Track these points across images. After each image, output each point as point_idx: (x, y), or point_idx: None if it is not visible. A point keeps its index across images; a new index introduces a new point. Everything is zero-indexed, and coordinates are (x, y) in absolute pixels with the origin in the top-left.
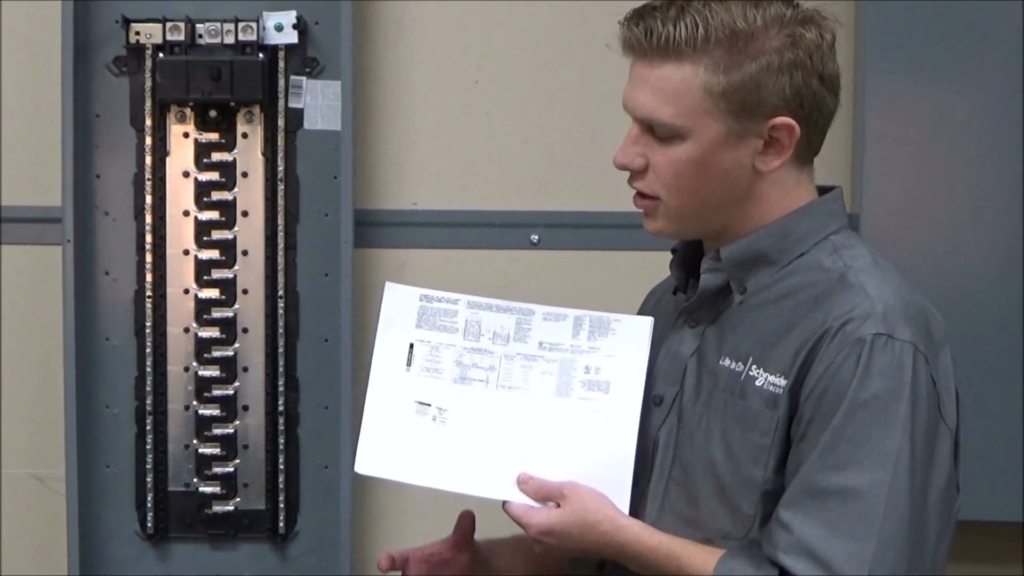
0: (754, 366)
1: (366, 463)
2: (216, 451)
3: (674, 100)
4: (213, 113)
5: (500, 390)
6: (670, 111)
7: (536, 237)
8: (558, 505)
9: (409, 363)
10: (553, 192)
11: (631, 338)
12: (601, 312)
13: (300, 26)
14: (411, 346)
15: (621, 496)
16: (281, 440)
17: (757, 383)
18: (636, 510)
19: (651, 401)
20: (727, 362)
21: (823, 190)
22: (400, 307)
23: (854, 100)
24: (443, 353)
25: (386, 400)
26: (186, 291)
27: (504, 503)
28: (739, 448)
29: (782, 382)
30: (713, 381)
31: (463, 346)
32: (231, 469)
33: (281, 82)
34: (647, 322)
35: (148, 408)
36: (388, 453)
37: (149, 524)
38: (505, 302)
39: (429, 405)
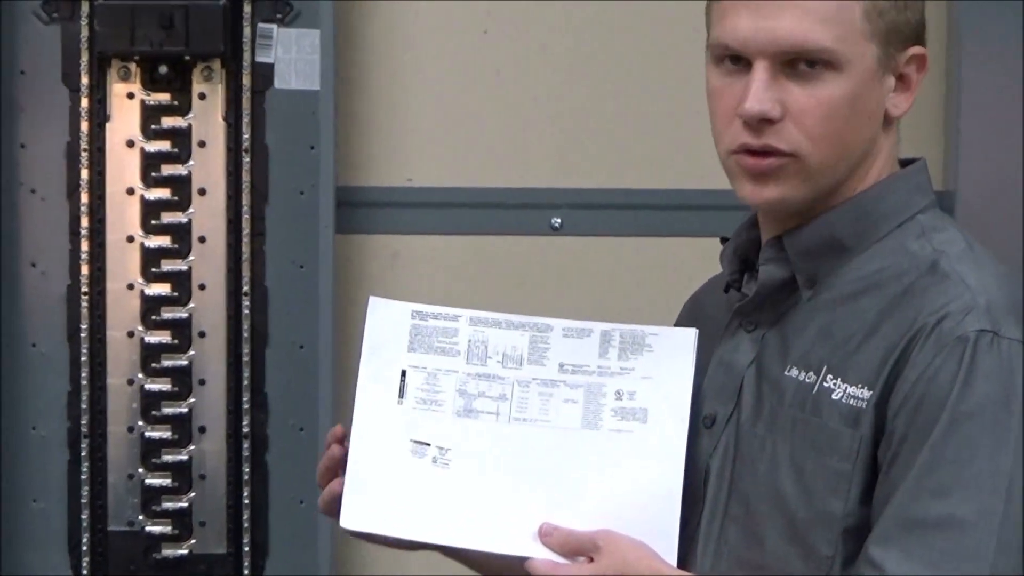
0: (829, 376)
1: (353, 517)
2: (166, 482)
3: (835, 20)
4: (164, 69)
5: (514, 424)
6: (830, 34)
7: (558, 221)
8: (591, 559)
9: (402, 394)
10: (579, 166)
11: (671, 355)
12: (634, 325)
13: None
14: (403, 374)
15: (667, 543)
16: (246, 469)
17: (834, 396)
18: (685, 557)
19: (700, 423)
20: (795, 372)
21: (902, 163)
22: (388, 327)
23: (947, 53)
24: (443, 381)
25: (375, 440)
26: (130, 286)
27: (525, 560)
28: (813, 476)
29: (865, 394)
30: (777, 396)
31: (467, 372)
32: (184, 504)
33: (247, 31)
34: (690, 335)
35: (83, 430)
36: (380, 504)
37: (84, 570)
38: (516, 316)
39: (428, 444)
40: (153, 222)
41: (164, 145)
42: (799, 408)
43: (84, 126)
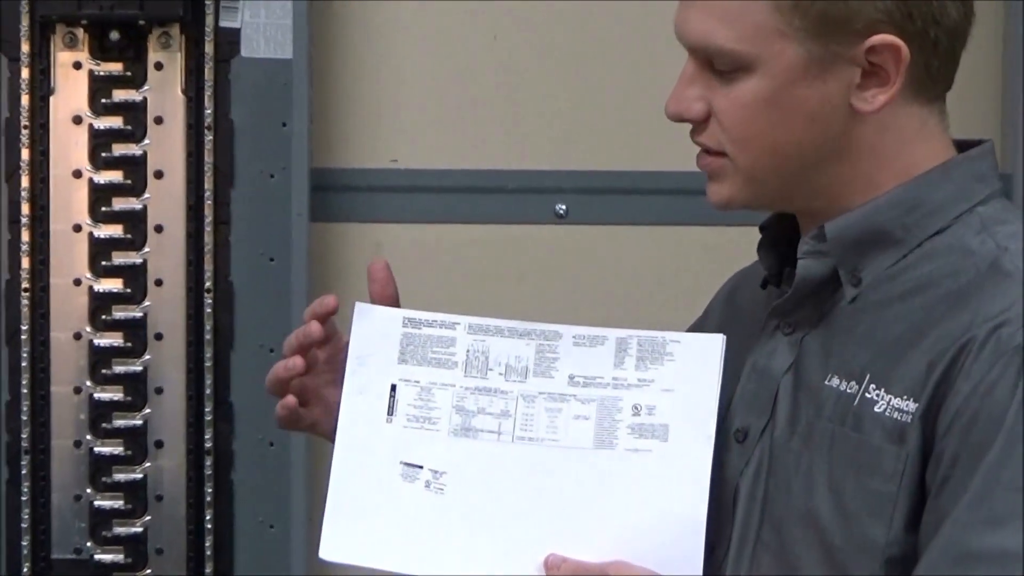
0: (872, 386)
1: (334, 547)
2: (118, 504)
3: (734, 18)
4: (115, 35)
5: (517, 444)
6: (730, 33)
7: (563, 208)
8: None
9: (391, 411)
10: (587, 146)
11: (696, 364)
12: (653, 331)
13: None
14: (393, 388)
15: (689, 574)
16: (208, 489)
17: (877, 409)
18: None
19: (731, 437)
20: (835, 381)
21: (964, 145)
22: (377, 335)
23: (1005, 18)
24: (438, 396)
25: (360, 462)
26: (77, 282)
27: None
28: (853, 499)
29: (911, 407)
30: (816, 408)
31: (465, 385)
32: (139, 529)
33: None
34: (716, 342)
35: (24, 444)
36: (364, 533)
37: None
38: (521, 323)
39: (420, 467)
40: (103, 209)
41: (115, 121)
42: (839, 422)
43: (24, 100)
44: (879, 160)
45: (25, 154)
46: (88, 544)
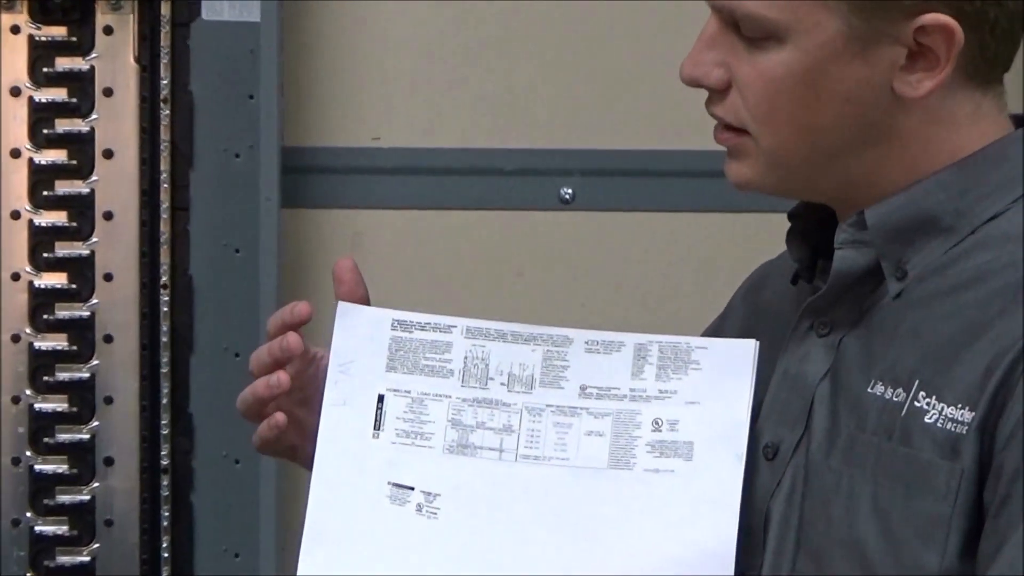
0: (922, 393)
1: None
2: (62, 529)
3: None
4: None
5: (522, 463)
6: None
7: (569, 191)
8: None
9: (378, 425)
10: (595, 122)
11: (725, 373)
12: (676, 336)
13: None
14: (381, 399)
15: None
16: (165, 513)
17: (928, 419)
18: None
19: (760, 454)
20: (879, 389)
21: (1019, 120)
22: (362, 340)
23: None
24: (431, 408)
25: (343, 482)
26: (15, 276)
27: None
28: (902, 522)
29: (966, 416)
30: (857, 419)
31: (462, 396)
32: (86, 558)
33: None
34: (748, 348)
35: None
36: (347, 562)
37: None
38: (525, 327)
39: (411, 489)
40: (45, 193)
41: (59, 93)
42: (884, 435)
43: None
44: (923, 147)
45: None
46: (28, 575)
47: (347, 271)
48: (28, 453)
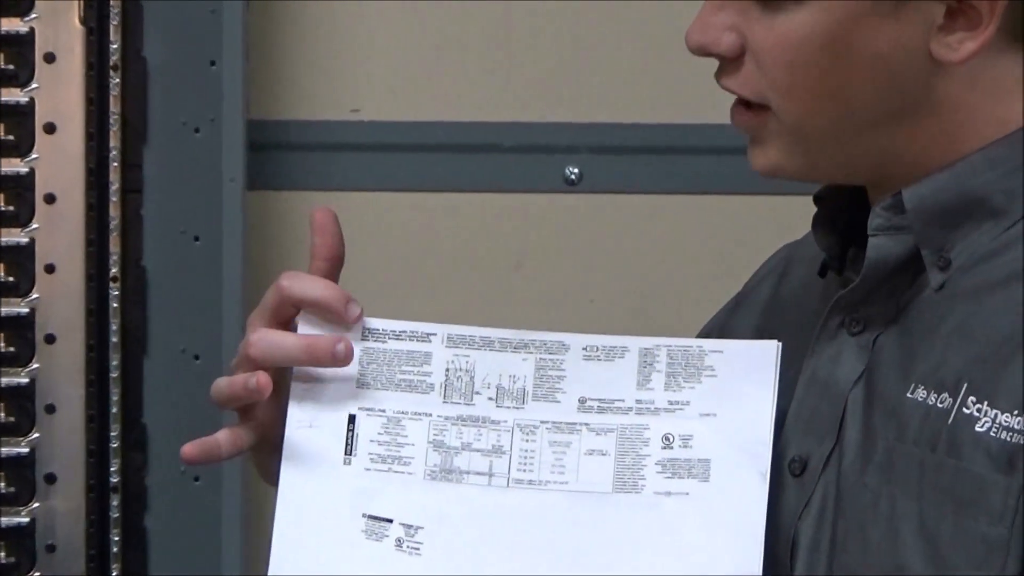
0: (971, 398)
1: None
2: None
3: None
4: None
5: (515, 489)
6: None
7: (576, 171)
8: None
9: (350, 450)
10: (605, 94)
11: (743, 380)
12: (687, 339)
13: None
14: (352, 420)
15: None
16: (115, 537)
17: (979, 428)
18: None
19: (784, 470)
20: (921, 394)
21: None
22: None
23: None
24: (410, 429)
25: (311, 515)
26: None
27: None
28: (952, 546)
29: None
30: (897, 429)
31: (444, 414)
32: None
33: None
34: (769, 350)
35: None
36: None
37: None
38: (515, 332)
39: (389, 521)
40: None
41: None
42: (928, 446)
43: None
44: (966, 119)
45: None
46: None
47: (328, 222)
48: None
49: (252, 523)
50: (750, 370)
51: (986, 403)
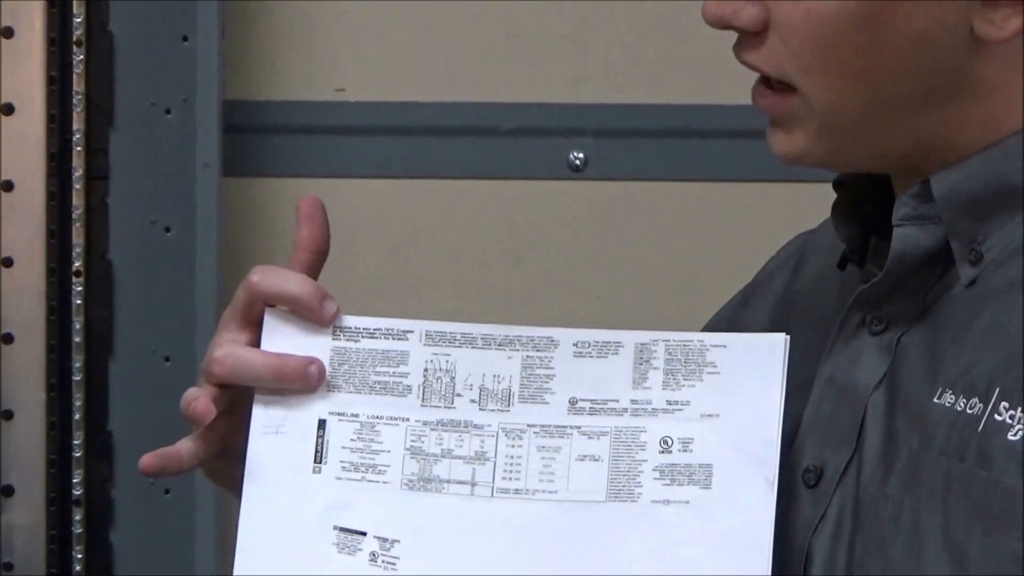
0: (1004, 404)
1: None
2: None
3: None
4: None
5: (500, 499)
6: None
7: (581, 156)
8: None
9: (320, 457)
10: (614, 72)
11: (748, 377)
12: (686, 333)
13: None
14: (322, 425)
15: None
16: (78, 555)
17: (1012, 436)
18: None
19: (798, 479)
20: (949, 398)
21: None
22: (297, 352)
23: None
24: (385, 435)
25: (279, 529)
26: None
27: None
28: (982, 563)
29: None
30: (922, 436)
31: (423, 418)
32: None
33: None
34: (776, 343)
35: None
36: None
37: None
38: (499, 328)
39: (363, 534)
40: None
41: None
42: (956, 455)
43: None
44: (1005, 101)
45: None
46: None
47: (315, 210)
48: None
49: (227, 540)
50: (756, 366)
51: (1020, 409)
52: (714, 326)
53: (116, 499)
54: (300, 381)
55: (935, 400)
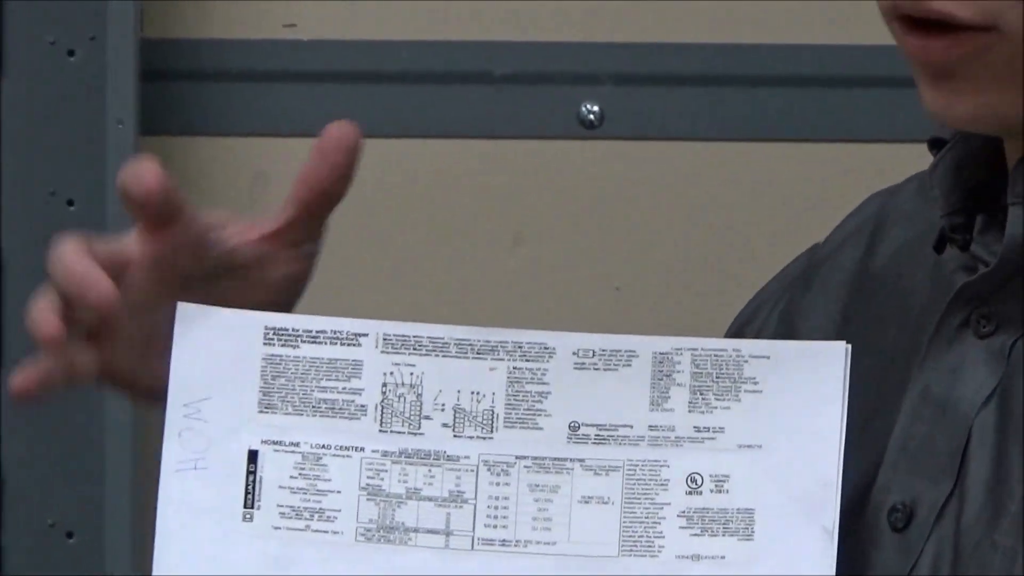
0: None
1: None
2: None
3: None
4: None
5: (481, 552)
6: None
7: (595, 110)
8: None
9: (252, 501)
10: (634, 8)
11: (798, 397)
12: (719, 340)
13: None
14: (253, 458)
15: None
16: None
17: None
18: None
19: (882, 521)
20: None
21: None
22: (218, 362)
23: None
24: (334, 470)
25: None
26: None
27: None
28: None
29: None
30: None
31: (382, 448)
32: None
33: None
34: (836, 352)
35: None
36: None
37: None
38: (479, 331)
39: None
40: None
41: None
42: None
43: None
44: None
45: None
46: None
47: (348, 141)
48: None
49: None
50: (808, 383)
51: None
52: (752, 316)
53: (5, 545)
54: (79, 298)
55: None
